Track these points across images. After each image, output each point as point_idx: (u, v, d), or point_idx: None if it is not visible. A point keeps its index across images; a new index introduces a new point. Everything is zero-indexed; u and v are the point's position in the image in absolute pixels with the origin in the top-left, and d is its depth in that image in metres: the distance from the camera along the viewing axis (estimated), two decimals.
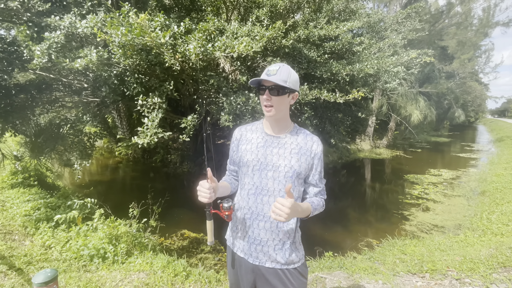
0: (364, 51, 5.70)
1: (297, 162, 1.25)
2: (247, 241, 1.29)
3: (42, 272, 1.02)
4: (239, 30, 3.85)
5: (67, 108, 6.38)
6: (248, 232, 1.29)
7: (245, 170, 1.31)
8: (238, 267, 1.36)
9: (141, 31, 2.54)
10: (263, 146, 1.30)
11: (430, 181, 9.00)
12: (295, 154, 1.26)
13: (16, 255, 3.06)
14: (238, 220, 1.33)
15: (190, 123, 3.51)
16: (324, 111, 6.60)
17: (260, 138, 1.33)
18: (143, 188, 6.91)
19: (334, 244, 4.85)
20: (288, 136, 1.31)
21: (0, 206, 4.55)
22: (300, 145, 1.28)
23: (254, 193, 1.27)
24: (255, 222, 1.27)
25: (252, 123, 1.44)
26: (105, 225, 3.70)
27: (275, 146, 1.28)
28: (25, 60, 4.10)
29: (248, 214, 1.28)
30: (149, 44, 2.66)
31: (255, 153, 1.29)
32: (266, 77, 1.19)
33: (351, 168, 12.13)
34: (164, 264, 2.96)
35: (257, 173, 1.27)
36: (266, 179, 1.25)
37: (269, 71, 1.20)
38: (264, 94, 1.21)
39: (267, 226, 1.25)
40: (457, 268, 3.13)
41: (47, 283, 1.00)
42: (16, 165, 6.20)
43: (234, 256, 1.37)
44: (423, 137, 20.72)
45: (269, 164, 1.26)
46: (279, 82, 1.17)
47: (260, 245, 1.27)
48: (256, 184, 1.27)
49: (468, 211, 6.20)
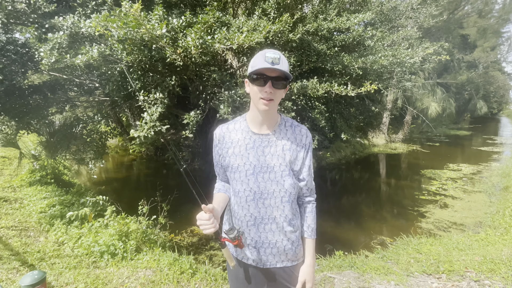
0: (377, 44, 5.47)
1: (291, 158, 1.19)
2: (255, 246, 1.24)
3: (30, 274, 1.01)
4: (245, 24, 3.76)
5: (81, 108, 6.54)
6: (254, 238, 1.23)
7: (237, 176, 1.20)
8: (247, 276, 1.31)
9: (136, 23, 2.52)
10: (252, 148, 1.19)
11: (448, 177, 8.63)
12: (287, 150, 1.19)
13: (30, 251, 3.15)
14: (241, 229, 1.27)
15: (193, 119, 3.49)
16: (336, 106, 6.42)
17: (248, 138, 1.20)
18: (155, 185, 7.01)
19: (345, 242, 4.73)
20: (278, 132, 1.21)
21: (19, 204, 4.74)
22: (291, 140, 1.20)
23: (253, 198, 1.19)
24: (260, 227, 1.21)
25: (233, 120, 1.30)
26: (115, 222, 3.76)
27: (266, 146, 1.19)
28: (37, 61, 4.21)
29: (251, 221, 1.21)
30: (145, 36, 2.63)
31: (245, 156, 1.19)
32: (271, 66, 1.02)
33: (365, 163, 11.83)
34: (170, 261, 2.97)
35: (252, 178, 1.17)
36: (263, 182, 1.17)
37: (270, 59, 1.03)
38: (265, 85, 1.06)
39: (273, 227, 1.21)
40: (476, 269, 2.96)
41: (34, 285, 0.98)
42: (34, 164, 6.43)
43: (241, 266, 1.31)
44: (442, 131, 19.91)
45: (263, 166, 1.17)
46: (286, 71, 1.05)
47: (269, 248, 1.23)
48: (253, 190, 1.18)
49: (490, 208, 5.89)
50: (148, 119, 3.01)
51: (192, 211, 5.90)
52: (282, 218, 1.20)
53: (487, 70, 23.46)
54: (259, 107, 1.12)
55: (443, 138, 17.78)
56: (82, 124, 6.10)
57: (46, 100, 5.19)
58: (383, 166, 11.79)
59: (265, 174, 1.17)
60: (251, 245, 1.24)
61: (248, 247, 1.24)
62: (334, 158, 11.46)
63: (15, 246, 3.27)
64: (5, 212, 4.30)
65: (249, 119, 1.23)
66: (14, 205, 4.69)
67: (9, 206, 4.59)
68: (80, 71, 4.85)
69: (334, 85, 3.91)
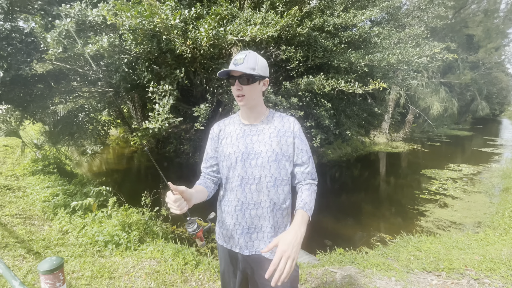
0: (383, 41, 5.43)
1: (277, 144, 1.26)
2: (241, 232, 1.28)
3: (48, 260, 1.03)
4: (252, 17, 3.74)
5: (83, 98, 6.53)
6: (241, 223, 1.28)
7: (228, 163, 1.29)
8: (234, 262, 1.36)
9: (151, 12, 2.51)
10: (242, 137, 1.30)
11: (449, 176, 8.65)
12: (274, 137, 1.27)
13: (35, 239, 3.18)
14: (228, 215, 1.31)
15: (203, 112, 3.49)
16: (339, 103, 6.41)
17: (239, 129, 1.32)
18: (156, 177, 7.03)
19: (345, 238, 4.77)
20: (265, 122, 1.32)
21: (22, 192, 4.76)
22: (278, 128, 1.30)
23: (240, 184, 1.26)
24: (246, 212, 1.26)
25: (229, 116, 1.43)
26: (118, 213, 3.79)
27: (254, 134, 1.29)
28: (42, 51, 4.18)
29: (239, 206, 1.27)
30: (159, 26, 2.62)
31: (235, 145, 1.29)
32: (234, 67, 1.18)
33: (366, 161, 11.85)
34: (174, 252, 3.00)
35: (240, 164, 1.26)
36: (250, 168, 1.25)
37: (236, 61, 1.19)
38: (234, 84, 1.21)
39: (259, 213, 1.26)
40: (476, 267, 2.99)
41: (52, 271, 1.00)
42: (36, 153, 6.44)
43: (228, 253, 1.36)
44: (443, 131, 19.89)
45: (250, 153, 1.26)
46: (247, 70, 1.17)
47: (255, 233, 1.27)
48: (241, 175, 1.26)
49: (490, 209, 5.92)
50: (160, 111, 3.01)
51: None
52: (267, 203, 1.25)
53: (491, 71, 23.36)
54: (238, 103, 1.28)
55: (444, 138, 17.78)
56: (85, 112, 6.10)
57: (50, 90, 5.17)
58: (383, 164, 11.82)
59: (252, 160, 1.25)
60: (238, 230, 1.28)
61: (236, 232, 1.29)
62: (334, 155, 11.47)
63: (20, 234, 3.30)
64: (8, 200, 4.33)
65: (240, 114, 1.38)
66: (18, 193, 4.72)
67: (13, 195, 4.62)
68: (84, 61, 4.83)
69: (341, 82, 3.89)
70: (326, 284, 2.69)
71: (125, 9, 2.52)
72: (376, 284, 2.67)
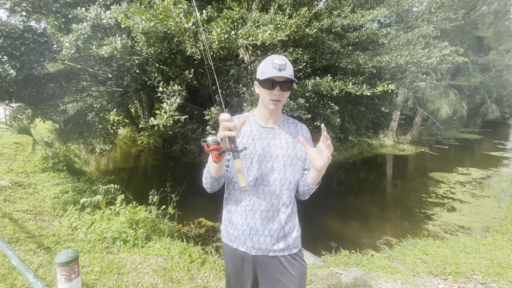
0: (391, 42, 5.40)
1: (293, 150, 1.31)
2: (249, 233, 1.29)
3: (64, 253, 1.07)
4: (261, 18, 3.77)
5: (93, 97, 6.64)
6: (249, 223, 1.29)
7: (243, 163, 1.28)
8: (240, 263, 1.35)
9: (165, 16, 2.56)
10: (259, 138, 1.31)
11: (457, 180, 8.54)
12: (290, 143, 1.32)
13: (45, 234, 3.26)
14: (238, 215, 1.32)
15: (214, 115, 3.53)
16: (345, 105, 6.38)
17: (255, 130, 1.33)
18: (162, 176, 7.10)
19: (350, 240, 4.76)
20: (282, 126, 1.35)
21: (32, 189, 4.87)
22: (293, 134, 1.35)
23: (254, 185, 1.28)
24: (257, 213, 1.28)
25: (242, 114, 1.40)
26: (126, 210, 3.85)
27: (271, 137, 1.32)
28: (54, 51, 4.28)
29: (250, 206, 1.29)
30: (173, 29, 2.67)
31: (252, 145, 1.30)
32: (278, 73, 1.18)
33: (372, 164, 11.77)
34: (180, 250, 3.04)
35: (256, 165, 1.28)
36: (266, 170, 1.28)
37: (279, 66, 1.19)
38: (274, 89, 1.22)
39: (269, 215, 1.28)
40: (483, 272, 2.96)
41: (68, 263, 1.04)
42: (46, 150, 6.58)
43: (235, 254, 1.35)
44: (452, 134, 19.61)
45: (267, 155, 1.29)
46: (291, 77, 1.20)
47: (263, 236, 1.28)
48: (255, 176, 1.27)
49: (498, 213, 5.83)
50: (167, 109, 3.07)
51: (199, 203, 5.98)
52: (279, 205, 1.29)
53: (501, 74, 22.93)
54: (269, 107, 1.27)
55: (453, 141, 17.53)
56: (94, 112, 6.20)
57: (61, 89, 5.29)
58: (390, 167, 11.71)
59: (268, 163, 1.28)
60: (246, 231, 1.29)
61: (244, 233, 1.30)
62: (340, 157, 11.42)
63: (31, 229, 3.38)
64: (19, 197, 4.44)
65: (257, 114, 1.37)
66: (28, 190, 4.83)
67: (23, 191, 4.73)
68: (94, 61, 4.92)
69: (348, 84, 3.89)
70: (331, 285, 2.69)
71: (141, 12, 2.58)
72: (382, 287, 2.67)
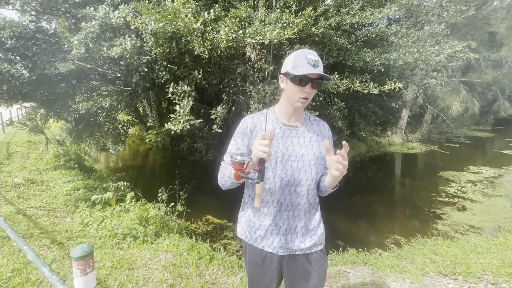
0: (401, 40, 5.31)
1: (318, 149, 1.28)
2: (277, 233, 1.28)
3: (80, 247, 1.11)
4: (267, 17, 3.76)
5: (102, 96, 6.76)
6: (278, 224, 1.28)
7: (267, 164, 1.24)
8: (266, 263, 1.33)
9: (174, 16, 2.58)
10: (282, 137, 1.26)
11: (468, 179, 8.37)
12: (314, 141, 1.29)
13: (58, 230, 3.35)
14: (263, 215, 1.30)
15: (221, 114, 3.55)
16: (354, 102, 6.32)
17: (278, 128, 1.28)
18: (170, 174, 7.19)
19: (358, 239, 4.73)
20: (304, 124, 1.32)
21: (45, 186, 5.00)
22: (316, 132, 1.32)
23: (280, 185, 1.24)
24: (284, 213, 1.27)
25: (261, 112, 1.35)
26: (136, 207, 3.93)
27: (295, 136, 1.28)
28: (65, 51, 4.37)
29: (278, 207, 1.27)
30: (182, 30, 2.69)
31: (275, 145, 1.25)
32: (313, 70, 1.11)
33: (380, 162, 11.63)
34: (189, 247, 3.09)
35: (281, 165, 1.24)
36: (291, 170, 1.24)
37: (313, 62, 1.12)
38: (306, 86, 1.15)
39: (296, 213, 1.28)
40: (494, 272, 2.91)
41: (84, 257, 1.08)
42: (58, 149, 6.74)
43: (260, 255, 1.32)
44: (463, 131, 19.19)
45: (291, 155, 1.25)
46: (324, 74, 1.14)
47: (289, 234, 1.28)
48: (281, 176, 1.23)
49: (510, 213, 5.71)
50: (181, 112, 3.09)
51: (206, 201, 6.04)
52: (305, 205, 1.28)
53: None
54: (296, 104, 1.21)
55: (464, 139, 17.15)
56: (105, 112, 6.31)
57: (72, 89, 5.40)
58: (398, 165, 11.56)
59: (293, 162, 1.24)
60: (274, 231, 1.28)
61: (272, 233, 1.29)
62: (348, 155, 11.31)
63: (44, 225, 3.48)
64: (33, 193, 4.56)
65: (278, 112, 1.31)
66: (41, 187, 4.96)
67: (36, 188, 4.86)
68: (103, 61, 5.00)
69: (355, 82, 3.86)
70: (339, 283, 2.69)
71: (150, 13, 2.61)
72: (390, 286, 2.65)
